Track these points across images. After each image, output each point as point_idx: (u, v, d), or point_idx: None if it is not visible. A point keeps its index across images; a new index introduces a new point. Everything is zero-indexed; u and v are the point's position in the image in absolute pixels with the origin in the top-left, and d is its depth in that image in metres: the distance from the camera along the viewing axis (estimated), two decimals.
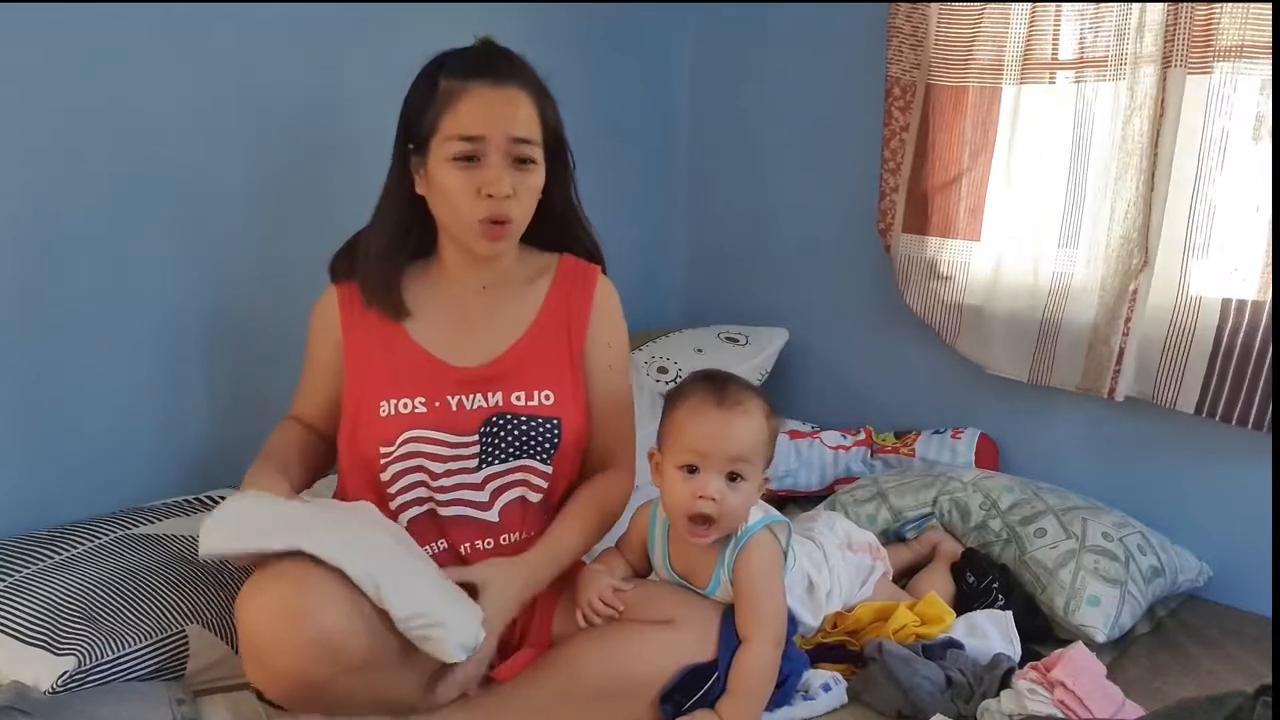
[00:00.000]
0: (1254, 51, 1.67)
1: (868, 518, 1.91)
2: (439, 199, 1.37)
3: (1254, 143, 1.73)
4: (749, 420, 1.35)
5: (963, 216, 2.06)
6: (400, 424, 1.39)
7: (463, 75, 1.34)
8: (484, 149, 1.33)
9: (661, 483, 1.39)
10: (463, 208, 1.35)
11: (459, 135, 1.33)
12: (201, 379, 1.77)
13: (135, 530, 1.56)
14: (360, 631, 1.18)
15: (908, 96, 2.09)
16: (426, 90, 1.36)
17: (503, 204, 1.34)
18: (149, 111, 1.64)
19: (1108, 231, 1.87)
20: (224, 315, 1.78)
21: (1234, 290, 1.76)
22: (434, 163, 1.35)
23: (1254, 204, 1.74)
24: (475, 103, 1.33)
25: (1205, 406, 1.80)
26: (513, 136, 1.34)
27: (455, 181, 1.34)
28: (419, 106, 1.37)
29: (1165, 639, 1.72)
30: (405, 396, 1.39)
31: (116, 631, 1.33)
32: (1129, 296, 1.84)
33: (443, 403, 1.40)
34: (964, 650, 1.50)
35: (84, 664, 1.28)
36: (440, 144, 1.34)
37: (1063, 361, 1.97)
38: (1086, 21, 1.88)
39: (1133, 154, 1.82)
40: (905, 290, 2.16)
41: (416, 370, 1.41)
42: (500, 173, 1.33)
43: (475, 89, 1.34)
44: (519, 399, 1.43)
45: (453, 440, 1.40)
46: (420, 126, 1.36)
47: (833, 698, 1.42)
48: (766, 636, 1.34)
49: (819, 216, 2.39)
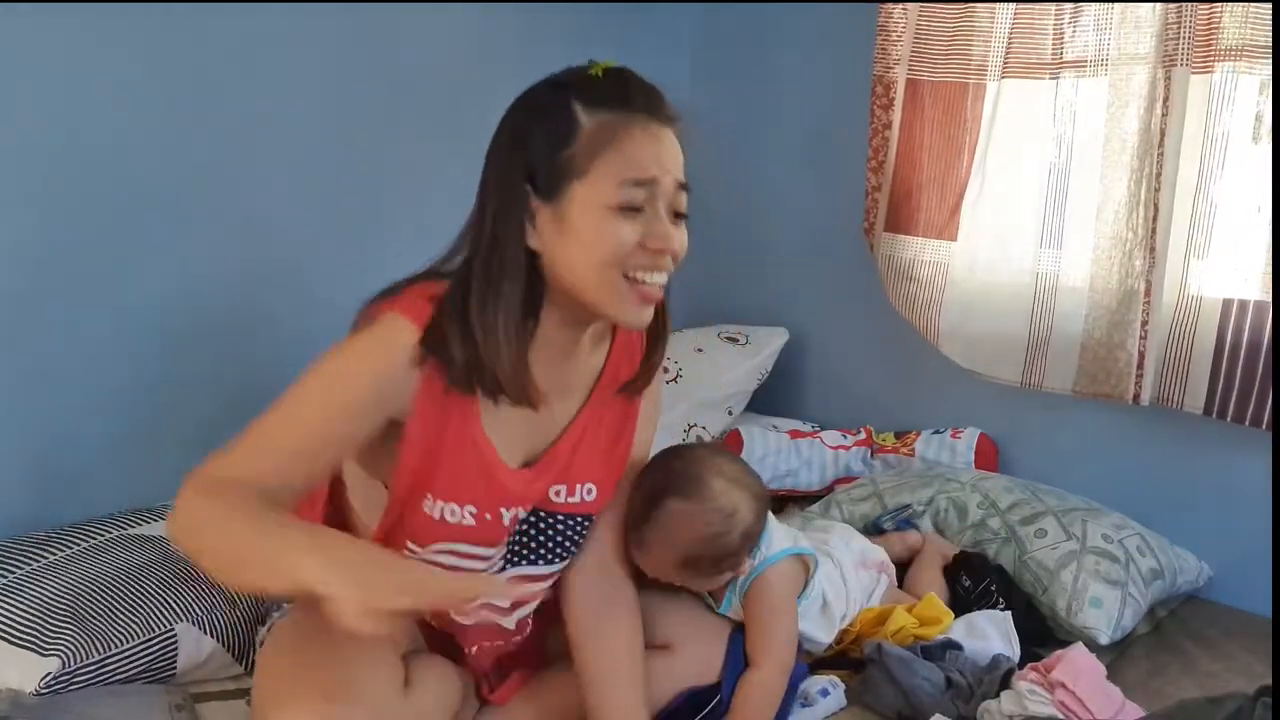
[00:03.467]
0: (1255, 52, 1.66)
1: (861, 516, 1.90)
2: (579, 252, 1.09)
3: (1254, 143, 1.72)
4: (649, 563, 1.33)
5: (942, 215, 2.05)
6: (440, 531, 1.17)
7: (620, 107, 1.10)
8: (652, 196, 1.10)
9: None
10: (616, 261, 1.09)
11: (631, 179, 1.08)
12: (202, 379, 1.77)
13: (131, 531, 1.56)
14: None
15: (890, 94, 2.08)
16: (560, 124, 1.09)
17: (667, 261, 1.12)
18: (150, 111, 1.64)
19: (1095, 232, 1.86)
20: (225, 315, 1.78)
21: (1237, 290, 1.75)
22: (580, 211, 1.08)
23: (1255, 204, 1.73)
24: (644, 140, 1.09)
25: (1215, 407, 1.78)
26: (679, 181, 1.13)
27: (615, 231, 1.08)
28: (550, 143, 1.09)
29: (1165, 639, 1.71)
30: (455, 503, 1.16)
31: (104, 632, 1.34)
32: (1140, 299, 1.82)
33: (494, 515, 1.19)
34: (963, 651, 1.49)
35: (68, 665, 1.28)
36: (595, 188, 1.08)
37: (1056, 365, 1.95)
38: (1066, 17, 1.87)
39: (1122, 153, 1.81)
40: (889, 290, 2.15)
41: (479, 473, 1.16)
42: (668, 226, 1.11)
43: (642, 124, 1.10)
44: (558, 495, 1.23)
45: (487, 554, 1.22)
46: (554, 167, 1.09)
47: (832, 701, 1.41)
48: (775, 663, 1.34)
49: (819, 216, 2.39)
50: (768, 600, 1.37)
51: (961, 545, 1.81)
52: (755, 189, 2.50)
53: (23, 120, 1.51)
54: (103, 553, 1.49)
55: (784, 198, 2.45)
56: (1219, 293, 1.77)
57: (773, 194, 2.47)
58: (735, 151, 2.51)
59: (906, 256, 2.10)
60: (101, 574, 1.43)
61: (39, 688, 1.26)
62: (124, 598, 1.40)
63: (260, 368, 1.82)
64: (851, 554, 1.63)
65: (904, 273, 2.11)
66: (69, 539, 1.52)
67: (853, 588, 1.56)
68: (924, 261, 2.09)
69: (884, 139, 2.11)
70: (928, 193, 2.06)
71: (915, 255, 2.09)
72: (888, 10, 2.05)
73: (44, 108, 1.53)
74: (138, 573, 1.45)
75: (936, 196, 2.05)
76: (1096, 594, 1.64)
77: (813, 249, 2.41)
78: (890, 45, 2.06)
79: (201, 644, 1.41)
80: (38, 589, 1.38)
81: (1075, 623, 1.63)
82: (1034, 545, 1.73)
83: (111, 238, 1.62)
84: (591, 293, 1.11)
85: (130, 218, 1.64)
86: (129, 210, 1.64)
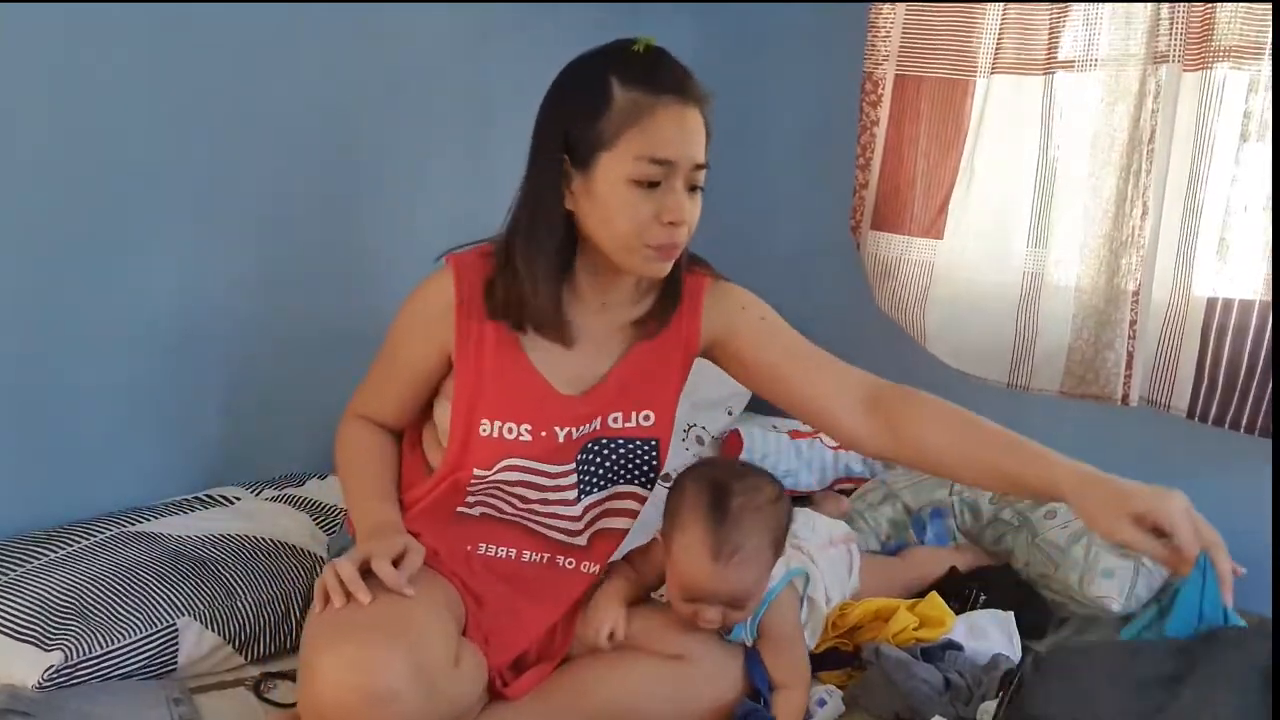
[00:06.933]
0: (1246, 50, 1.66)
1: (890, 521, 1.91)
2: (601, 217, 1.24)
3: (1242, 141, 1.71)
4: (745, 570, 1.33)
5: (929, 213, 2.04)
6: (500, 449, 1.31)
7: (650, 87, 1.21)
8: (670, 175, 1.22)
9: None
10: (634, 232, 1.23)
11: (650, 157, 1.20)
12: (202, 379, 1.77)
13: (131, 528, 1.57)
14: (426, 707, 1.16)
15: (879, 90, 2.07)
16: (596, 95, 1.22)
17: (681, 231, 1.25)
18: (150, 111, 1.64)
19: (1084, 231, 1.86)
20: (226, 315, 1.78)
21: (1224, 290, 1.76)
22: (604, 180, 1.22)
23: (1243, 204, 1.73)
24: (669, 122, 1.21)
25: (1198, 410, 1.79)
26: (697, 163, 1.24)
27: (633, 204, 1.22)
28: (586, 113, 1.22)
29: None
30: (511, 421, 1.31)
31: (106, 626, 1.34)
32: (1129, 299, 1.82)
33: (549, 433, 1.32)
34: (963, 652, 1.49)
35: (70, 658, 1.29)
36: (618, 161, 1.21)
37: (1043, 366, 1.95)
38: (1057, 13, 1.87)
39: (1111, 150, 1.81)
40: (875, 289, 2.14)
41: (529, 395, 1.32)
42: (683, 199, 1.23)
43: (666, 105, 1.21)
44: (615, 421, 1.36)
45: (553, 471, 1.34)
46: (588, 137, 1.22)
47: (830, 710, 1.41)
48: (802, 683, 1.40)
49: (816, 214, 2.38)
50: (781, 628, 1.40)
51: (982, 543, 1.82)
52: (754, 188, 2.50)
53: (23, 120, 1.51)
54: (104, 549, 1.50)
55: (781, 196, 2.45)
56: (1207, 292, 1.77)
57: (771, 193, 2.47)
58: (735, 151, 2.51)
59: (893, 255, 2.09)
60: (103, 570, 1.44)
61: (41, 680, 1.27)
62: (125, 593, 1.40)
63: (261, 368, 1.83)
64: (818, 537, 1.64)
65: (890, 271, 2.10)
66: (70, 536, 1.53)
67: (826, 571, 1.57)
68: (910, 260, 2.08)
69: (871, 136, 2.09)
70: (915, 190, 2.05)
71: (902, 254, 2.08)
72: (878, 7, 2.05)
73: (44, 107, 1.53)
74: (139, 568, 1.45)
75: (924, 194, 2.04)
76: (1108, 566, 1.65)
77: (812, 249, 2.41)
78: (879, 41, 2.05)
79: (203, 639, 1.41)
80: (40, 585, 1.39)
81: (1089, 593, 1.64)
82: (1045, 527, 1.75)
83: (114, 236, 1.63)
84: (615, 254, 1.26)
85: (129, 216, 1.64)
86: (128, 208, 1.64)
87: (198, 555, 1.51)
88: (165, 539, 1.54)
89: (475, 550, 1.39)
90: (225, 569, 1.50)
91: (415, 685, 1.12)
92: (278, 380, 1.84)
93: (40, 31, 1.51)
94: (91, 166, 1.59)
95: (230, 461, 1.81)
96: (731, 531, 1.31)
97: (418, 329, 1.34)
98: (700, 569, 1.31)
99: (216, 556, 1.52)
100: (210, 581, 1.46)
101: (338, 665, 1.11)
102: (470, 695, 1.26)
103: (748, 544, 1.32)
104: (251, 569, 1.52)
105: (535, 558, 1.40)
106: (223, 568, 1.50)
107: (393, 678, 1.11)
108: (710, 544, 1.30)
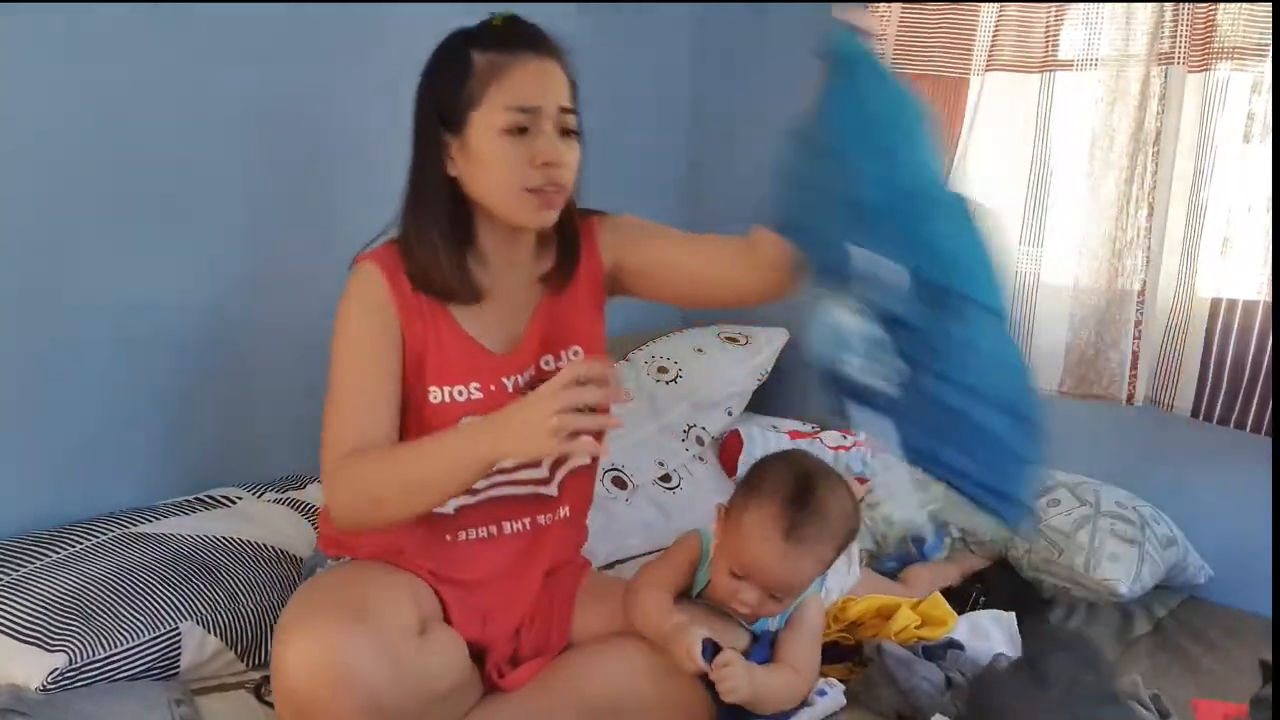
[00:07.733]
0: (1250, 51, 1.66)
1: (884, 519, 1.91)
2: (483, 174, 1.32)
3: (1244, 143, 1.72)
4: (806, 561, 1.35)
5: None
6: (456, 410, 1.35)
7: (505, 47, 1.31)
8: (536, 120, 1.30)
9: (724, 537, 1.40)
10: (514, 178, 1.30)
11: (515, 106, 1.29)
12: (202, 379, 1.77)
13: (134, 529, 1.56)
14: (393, 680, 1.18)
15: None
16: (458, 65, 1.32)
17: (558, 171, 1.31)
18: (149, 111, 1.64)
19: (1083, 230, 1.86)
20: (226, 315, 1.78)
21: (1229, 290, 1.76)
22: (477, 137, 1.30)
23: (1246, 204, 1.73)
24: (526, 73, 1.30)
25: (1202, 410, 1.79)
26: (562, 106, 1.32)
27: (507, 152, 1.29)
28: (452, 83, 1.32)
29: (1165, 639, 1.72)
30: (459, 384, 1.36)
31: (109, 628, 1.34)
32: (1134, 299, 1.82)
33: (498, 385, 1.38)
34: (964, 651, 1.49)
35: (75, 661, 1.29)
36: (487, 116, 1.29)
37: (1041, 365, 1.94)
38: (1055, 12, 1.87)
39: (1110, 150, 1.81)
40: None
41: (466, 357, 1.37)
42: (555, 141, 1.31)
43: (523, 59, 1.31)
44: (548, 363, 1.43)
45: None
46: (456, 102, 1.31)
47: (830, 701, 1.41)
48: (808, 674, 1.39)
49: None
50: (813, 621, 1.42)
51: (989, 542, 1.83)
52: (755, 188, 2.49)
53: (22, 120, 1.51)
54: (107, 550, 1.49)
55: None
56: (1211, 293, 1.77)
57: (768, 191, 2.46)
58: (735, 151, 2.51)
59: None
60: (106, 571, 1.44)
61: (45, 683, 1.26)
62: (128, 596, 1.40)
63: (262, 368, 1.82)
64: None
65: None
66: (72, 537, 1.52)
67: None
68: None
69: None
70: None
71: None
72: (875, 6, 2.05)
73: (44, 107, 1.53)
74: (142, 570, 1.45)
75: None
76: (1114, 550, 1.67)
77: None
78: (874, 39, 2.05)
79: (205, 643, 1.41)
80: (42, 586, 1.39)
81: (1095, 576, 1.65)
82: (1048, 515, 1.75)
83: (111, 237, 1.62)
84: (498, 206, 1.33)
85: (133, 218, 1.64)
86: (132, 211, 1.64)
87: (200, 558, 1.51)
88: (167, 540, 1.54)
89: (456, 539, 1.40)
90: (228, 573, 1.50)
91: (378, 662, 1.16)
92: (278, 381, 1.84)
93: (40, 32, 1.51)
94: (91, 167, 1.59)
95: (231, 462, 1.80)
96: (809, 518, 1.33)
97: (374, 322, 1.34)
98: (766, 544, 1.33)
99: (219, 560, 1.52)
100: (213, 586, 1.46)
101: (303, 649, 1.15)
102: (444, 670, 1.28)
103: (818, 536, 1.34)
104: (254, 574, 1.52)
105: (517, 526, 1.43)
106: (225, 572, 1.50)
107: (355, 655, 1.14)
108: (785, 523, 1.33)
